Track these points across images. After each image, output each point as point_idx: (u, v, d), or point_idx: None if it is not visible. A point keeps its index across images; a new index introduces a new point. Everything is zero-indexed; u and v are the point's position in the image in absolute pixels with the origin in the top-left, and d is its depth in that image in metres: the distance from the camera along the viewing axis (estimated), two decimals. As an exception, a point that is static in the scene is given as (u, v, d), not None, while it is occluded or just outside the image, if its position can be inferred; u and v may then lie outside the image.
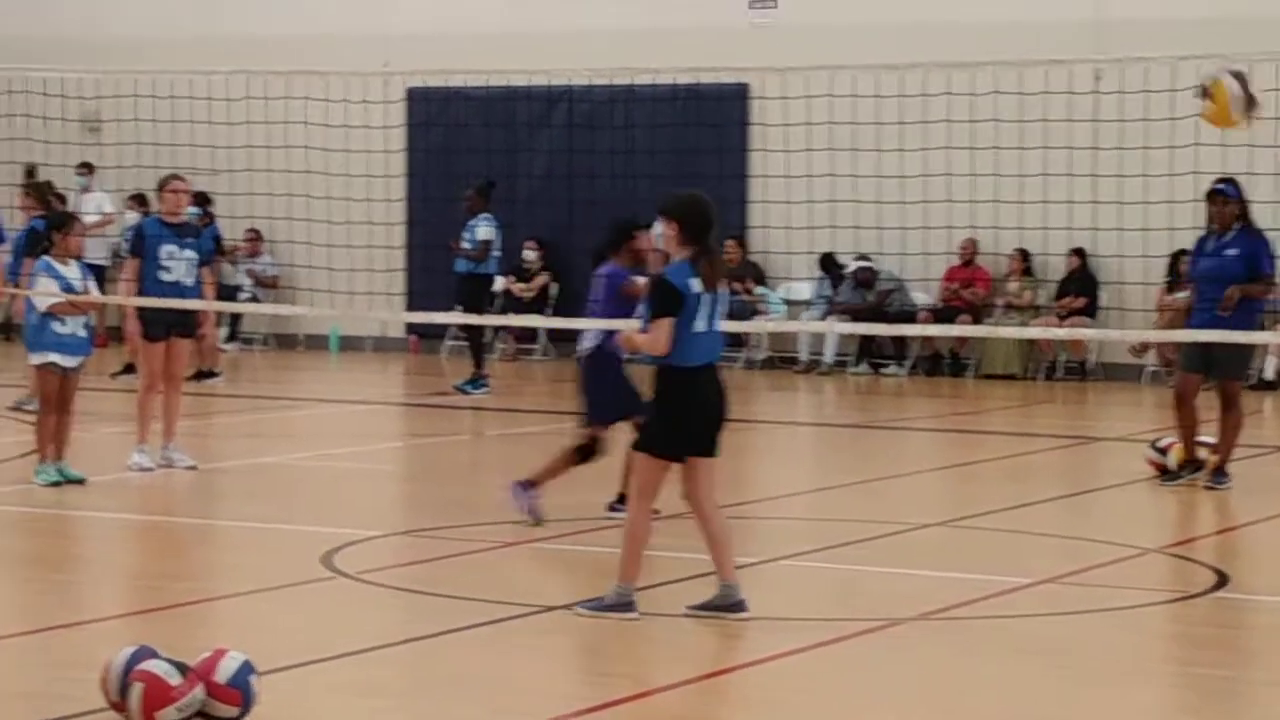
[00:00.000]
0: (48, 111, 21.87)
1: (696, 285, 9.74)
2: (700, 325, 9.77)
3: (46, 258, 14.09)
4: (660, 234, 10.12)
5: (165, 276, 14.78)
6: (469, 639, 9.33)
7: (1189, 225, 19.07)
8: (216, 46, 25.25)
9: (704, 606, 9.69)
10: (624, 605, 9.59)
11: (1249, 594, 10.64)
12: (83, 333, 14.02)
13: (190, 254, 14.94)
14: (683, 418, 9.77)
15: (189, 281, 14.92)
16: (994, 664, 9.04)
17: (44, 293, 13.93)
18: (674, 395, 9.77)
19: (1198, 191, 19.47)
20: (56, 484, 13.71)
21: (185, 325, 15.02)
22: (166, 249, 14.84)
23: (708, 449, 9.87)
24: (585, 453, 12.53)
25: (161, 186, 15.24)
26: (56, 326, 13.85)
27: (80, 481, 13.81)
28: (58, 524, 12.81)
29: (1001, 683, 8.74)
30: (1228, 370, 14.44)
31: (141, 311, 14.77)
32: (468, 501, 13.66)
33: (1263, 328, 15.09)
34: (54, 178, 25.16)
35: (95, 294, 14.34)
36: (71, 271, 14.00)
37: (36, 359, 13.95)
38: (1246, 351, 14.90)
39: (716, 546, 9.78)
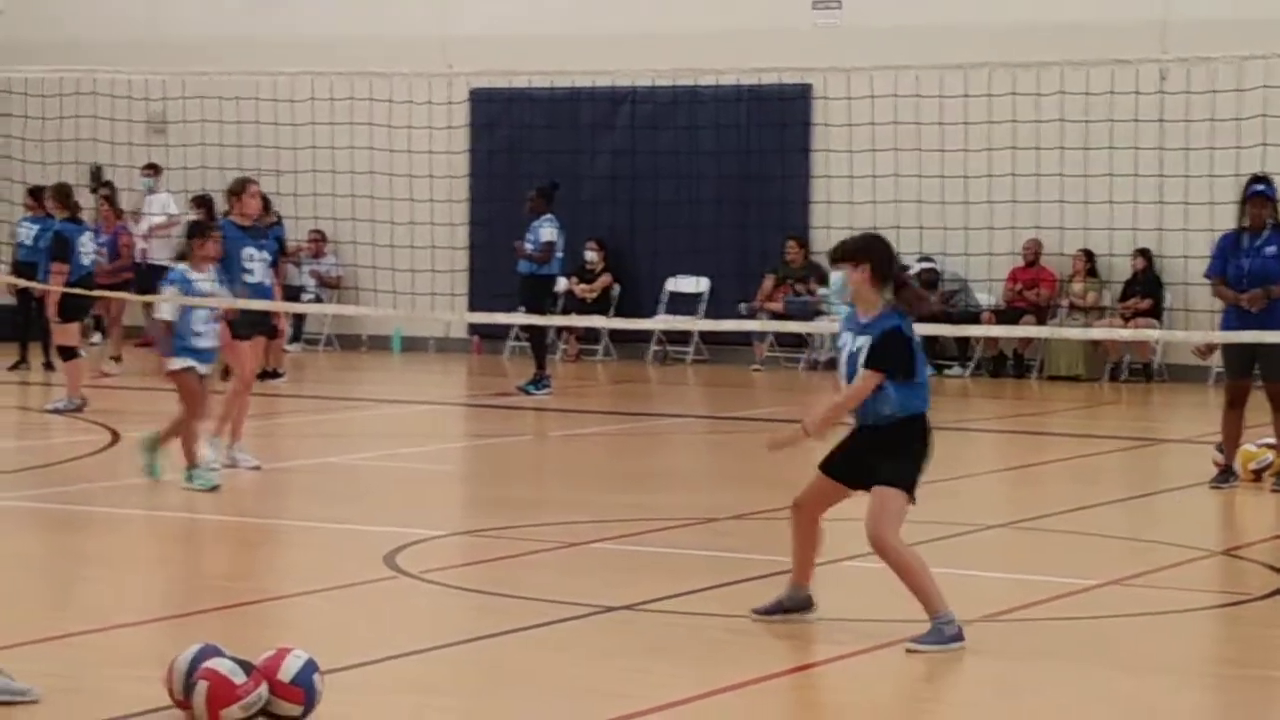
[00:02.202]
0: (115, 113, 22.02)
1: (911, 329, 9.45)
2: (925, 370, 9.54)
3: (181, 266, 14.08)
4: (843, 281, 9.57)
5: (249, 279, 14.99)
6: (531, 639, 9.33)
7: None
8: (280, 48, 25.34)
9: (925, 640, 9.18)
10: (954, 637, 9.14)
11: (1316, 597, 10.56)
12: (215, 342, 14.09)
13: (265, 255, 15.22)
14: (924, 460, 9.62)
15: (267, 282, 15.21)
16: (1058, 666, 8.99)
17: (169, 298, 13.89)
18: (921, 438, 9.60)
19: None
20: (215, 488, 13.65)
21: (266, 325, 15.34)
22: (247, 251, 15.04)
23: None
24: None
25: (239, 191, 15.28)
26: (195, 340, 13.79)
27: (215, 488, 13.70)
28: (121, 523, 12.87)
29: (1065, 685, 8.69)
30: (1275, 372, 14.32)
31: (229, 313, 14.87)
32: (530, 502, 13.67)
33: None
34: (119, 179, 25.37)
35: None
36: (205, 278, 13.96)
37: (177, 364, 13.78)
38: None
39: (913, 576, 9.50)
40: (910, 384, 9.47)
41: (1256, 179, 14.74)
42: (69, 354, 18.77)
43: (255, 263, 15.07)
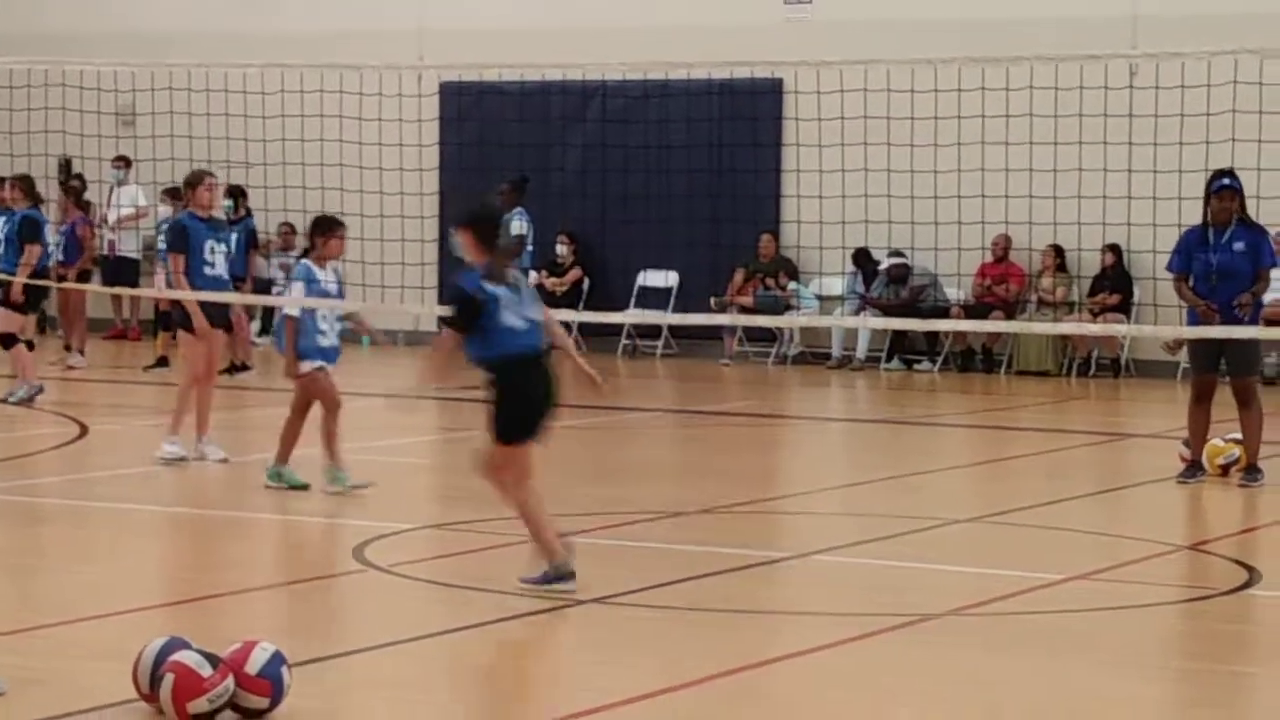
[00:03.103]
0: (84, 105, 21.93)
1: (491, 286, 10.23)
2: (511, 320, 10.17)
3: (306, 261, 13.78)
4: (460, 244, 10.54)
5: (209, 271, 14.90)
6: (500, 632, 9.33)
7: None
8: (250, 40, 25.29)
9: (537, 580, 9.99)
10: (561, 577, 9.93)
11: (1279, 590, 10.60)
12: (336, 340, 13.77)
13: (224, 248, 15.14)
14: (518, 403, 10.21)
15: (226, 275, 15.11)
16: (1025, 659, 9.01)
17: (294, 300, 13.65)
18: (507, 383, 10.20)
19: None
20: (305, 487, 13.41)
21: (225, 319, 15.22)
22: (208, 243, 14.96)
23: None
24: None
25: (196, 183, 15.23)
26: (319, 339, 13.53)
27: (304, 487, 13.46)
28: (88, 516, 12.84)
29: (1033, 678, 8.71)
30: (1241, 368, 14.38)
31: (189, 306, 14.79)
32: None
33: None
34: (89, 171, 25.30)
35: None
36: (327, 275, 13.69)
37: (307, 366, 13.53)
38: (1256, 347, 14.86)
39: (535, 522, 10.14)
40: (479, 335, 10.18)
41: (1221, 173, 14.79)
42: (9, 341, 18.70)
43: (216, 255, 14.96)
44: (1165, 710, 8.36)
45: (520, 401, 10.10)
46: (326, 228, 13.81)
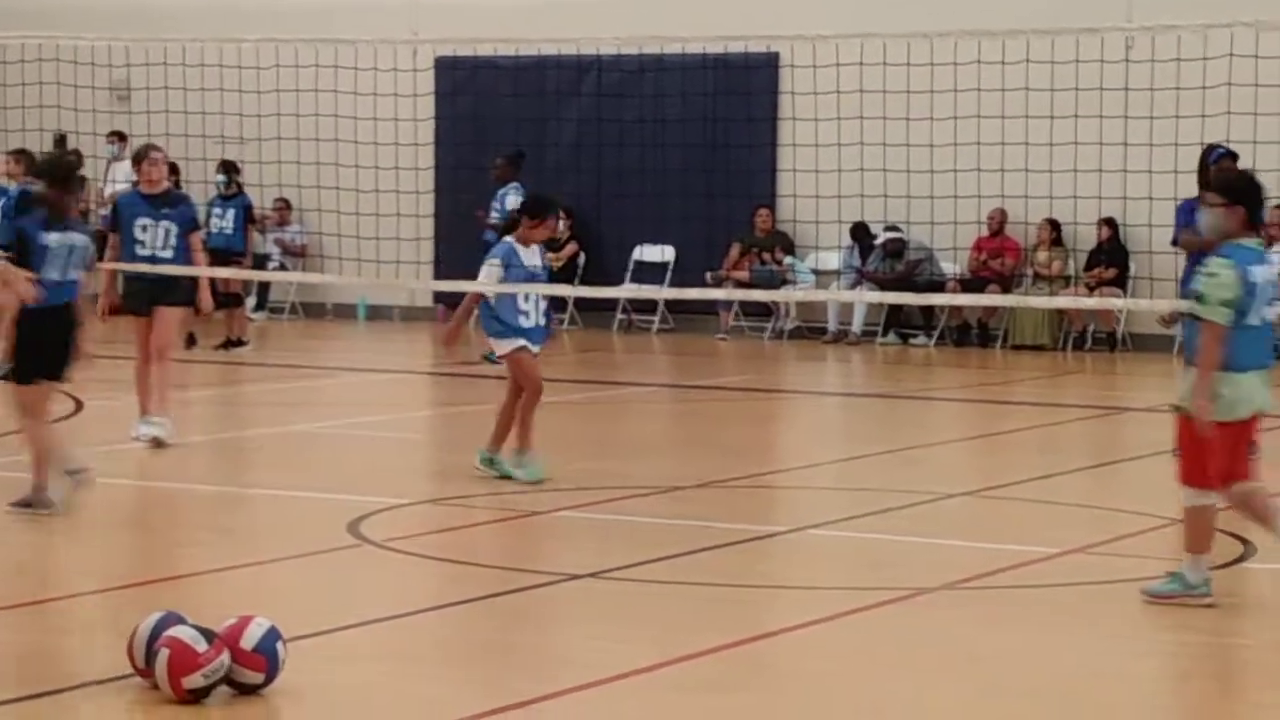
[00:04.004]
0: (78, 80, 21.90)
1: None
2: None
3: (509, 240, 13.17)
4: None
5: (140, 250, 14.49)
6: (495, 607, 9.33)
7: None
8: (245, 14, 25.25)
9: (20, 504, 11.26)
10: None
11: (1275, 564, 10.60)
12: (543, 320, 13.20)
13: (167, 224, 14.58)
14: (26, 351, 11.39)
15: (166, 253, 14.55)
16: (1020, 633, 9.02)
17: (486, 286, 13.10)
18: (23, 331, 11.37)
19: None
20: (539, 481, 12.77)
21: (170, 296, 14.60)
22: (141, 221, 14.54)
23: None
24: None
25: (140, 158, 14.83)
26: (521, 320, 12.94)
27: (510, 477, 12.87)
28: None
29: (1028, 652, 8.72)
30: None
31: (122, 287, 14.50)
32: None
33: None
34: (83, 147, 25.24)
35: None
36: (532, 257, 13.11)
37: (507, 346, 12.96)
38: None
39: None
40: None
41: (1215, 146, 14.77)
42: None
43: (149, 232, 14.48)
44: (1161, 683, 8.36)
45: (35, 347, 11.34)
46: (541, 211, 13.18)
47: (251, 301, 26.05)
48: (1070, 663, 8.48)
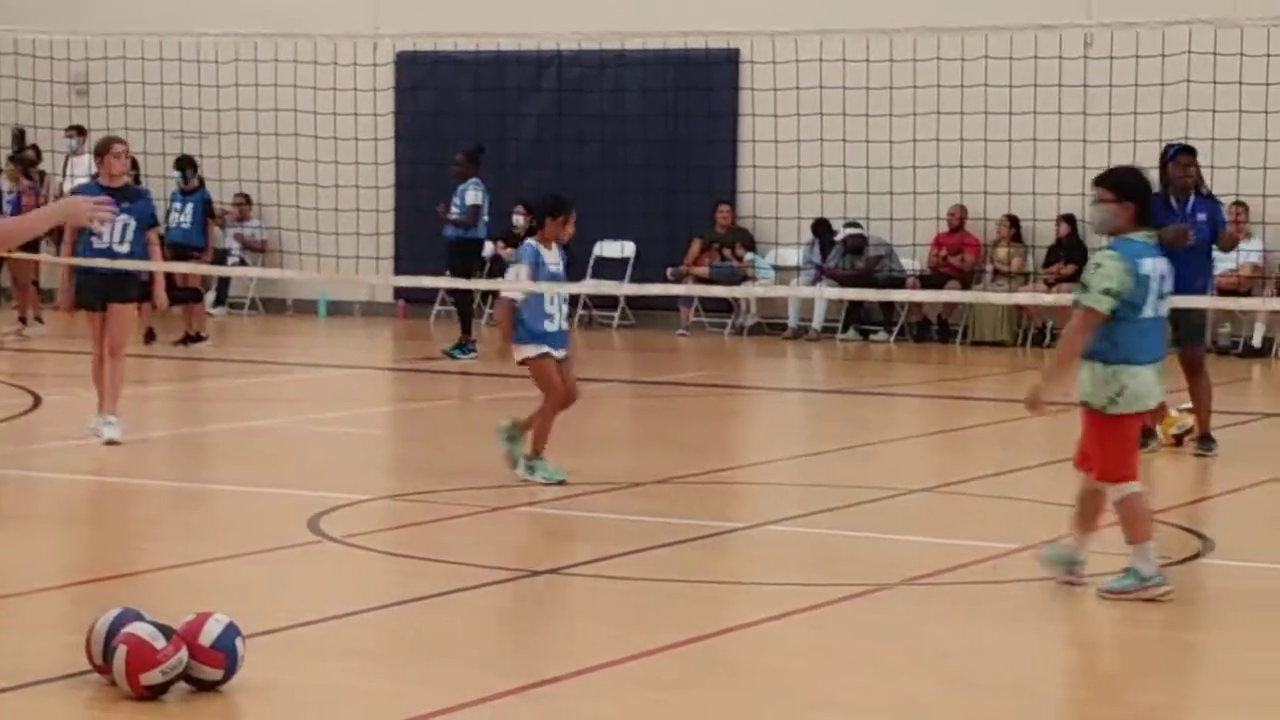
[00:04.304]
0: (36, 74, 21.81)
1: None
2: None
3: (531, 242, 12.84)
4: None
5: (96, 244, 14.38)
6: (455, 603, 9.32)
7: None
8: (205, 8, 25.15)
9: None
10: None
11: (1231, 560, 10.65)
12: (565, 325, 12.87)
13: (126, 218, 14.44)
14: None
15: (123, 248, 14.45)
16: (979, 629, 9.04)
17: (514, 285, 12.72)
18: None
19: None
20: (561, 482, 12.53)
21: (125, 292, 14.47)
22: None
23: None
24: None
25: (104, 151, 14.66)
26: (545, 324, 12.60)
27: (561, 482, 12.61)
28: (42, 487, 12.79)
29: (986, 648, 8.74)
30: (1190, 337, 14.45)
31: (76, 281, 14.42)
32: (455, 466, 13.65)
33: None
34: (42, 141, 25.16)
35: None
36: (553, 256, 12.77)
37: (530, 352, 12.61)
38: (1202, 318, 14.94)
39: None
40: None
41: (1176, 145, 14.84)
42: None
43: (109, 227, 14.24)
44: (1119, 679, 8.39)
45: None
46: (560, 209, 12.85)
47: (211, 297, 25.99)
48: (1028, 659, 8.51)
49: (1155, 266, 9.58)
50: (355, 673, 8.02)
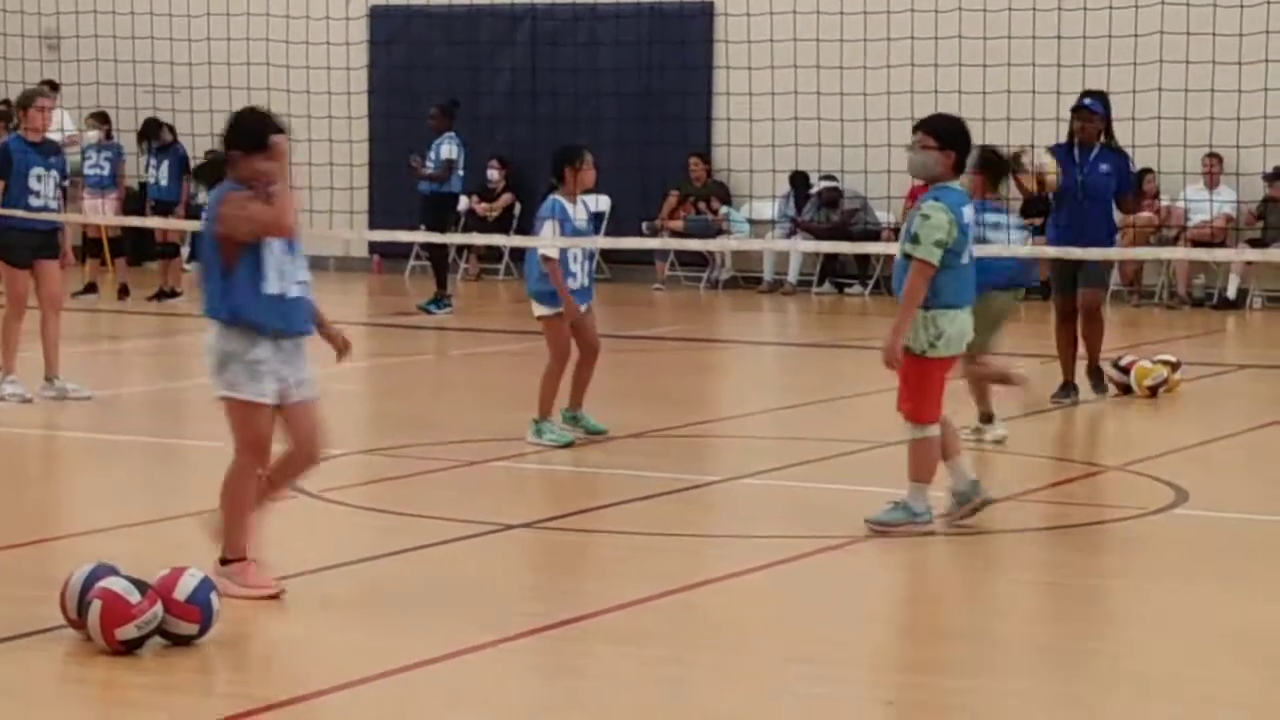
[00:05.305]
0: (7, 29, 21.70)
1: None
2: None
3: (556, 197, 12.42)
4: None
5: (34, 200, 14.07)
6: (431, 557, 9.33)
7: (1150, 143, 19.09)
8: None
9: None
10: None
11: (1207, 510, 10.69)
12: (587, 281, 12.57)
13: (54, 173, 14.23)
14: None
15: (55, 203, 14.26)
16: (952, 580, 9.07)
17: (549, 241, 12.32)
18: None
19: (1161, 109, 19.49)
20: (569, 445, 12.25)
21: (51, 248, 14.19)
22: (35, 170, 14.10)
23: None
24: None
25: (27, 104, 14.28)
26: (570, 282, 12.32)
27: (602, 433, 12.54)
28: (11, 442, 12.77)
29: (958, 598, 8.77)
30: (1090, 280, 14.59)
31: (2, 237, 14.02)
32: (430, 421, 13.65)
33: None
34: (14, 96, 25.03)
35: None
36: (580, 212, 12.49)
37: (547, 310, 12.34)
38: (1107, 263, 15.17)
39: None
40: None
41: (1086, 94, 14.99)
42: None
43: (45, 182, 14.10)
44: (1091, 626, 8.42)
45: None
46: (576, 157, 12.51)
47: (185, 252, 25.91)
48: (1000, 608, 8.54)
49: (970, 214, 9.89)
50: (331, 627, 8.03)
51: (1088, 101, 14.75)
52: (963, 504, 9.87)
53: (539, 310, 12.48)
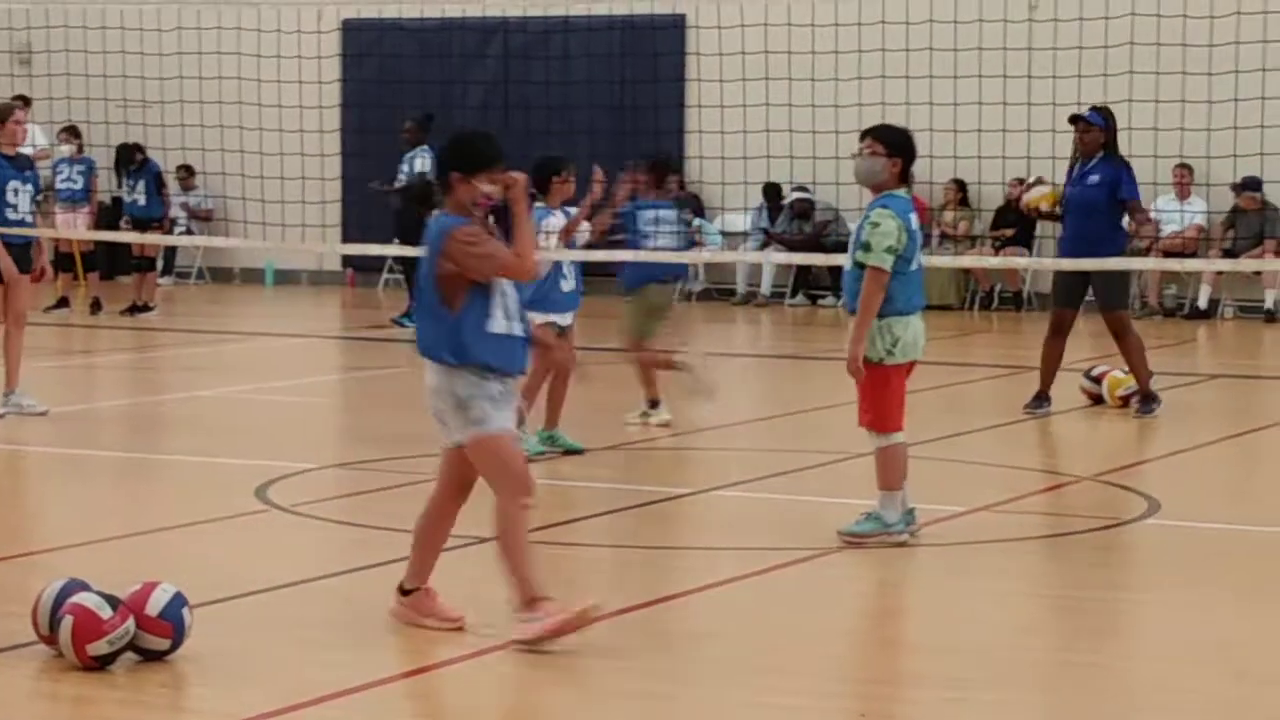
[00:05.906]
0: (-24, 43, 21.64)
1: None
2: None
3: (541, 205, 12.44)
4: None
5: (11, 214, 14.05)
6: (403, 571, 9.30)
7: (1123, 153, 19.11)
8: (148, -23, 25.01)
9: None
10: None
11: (1179, 520, 10.71)
12: (573, 285, 12.70)
13: (30, 187, 14.25)
14: None
15: (31, 217, 14.23)
16: (927, 592, 9.07)
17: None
18: None
19: (1131, 120, 19.51)
20: (541, 453, 12.25)
21: (25, 262, 14.09)
22: (12, 184, 14.11)
23: None
24: None
25: (3, 118, 14.19)
26: (564, 285, 12.52)
27: (579, 451, 12.55)
28: (-10, 459, 12.74)
29: (934, 610, 8.77)
30: (1109, 301, 14.51)
31: None
32: (403, 434, 13.61)
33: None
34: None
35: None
36: (559, 221, 12.62)
37: (536, 318, 11.99)
38: (1124, 280, 14.97)
39: None
40: None
41: (1090, 108, 14.95)
42: None
43: (21, 196, 14.08)
44: (1066, 638, 8.43)
45: None
46: (557, 169, 12.64)
47: (159, 266, 25.87)
48: (977, 620, 8.54)
49: (916, 221, 10.02)
50: (304, 642, 8.01)
51: (1085, 113, 14.73)
52: (879, 529, 9.87)
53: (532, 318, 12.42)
